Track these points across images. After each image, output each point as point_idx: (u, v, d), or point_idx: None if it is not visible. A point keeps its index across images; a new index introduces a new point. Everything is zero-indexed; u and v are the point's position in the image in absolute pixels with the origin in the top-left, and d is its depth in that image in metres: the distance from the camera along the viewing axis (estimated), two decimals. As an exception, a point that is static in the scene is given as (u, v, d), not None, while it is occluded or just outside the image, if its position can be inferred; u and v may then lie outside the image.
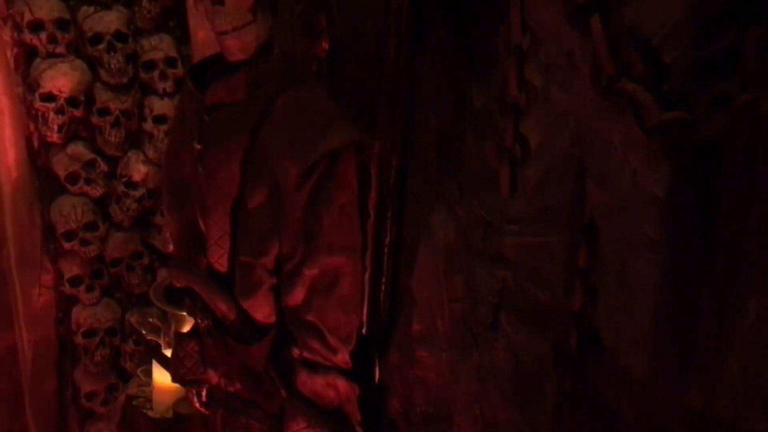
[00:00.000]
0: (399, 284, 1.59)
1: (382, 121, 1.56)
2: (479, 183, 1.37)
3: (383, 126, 1.55)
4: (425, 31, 1.34)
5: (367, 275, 1.62)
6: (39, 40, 2.34)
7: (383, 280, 1.61)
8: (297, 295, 1.50)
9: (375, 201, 1.58)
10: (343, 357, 1.53)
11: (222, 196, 1.54)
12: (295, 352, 1.55)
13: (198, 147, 1.55)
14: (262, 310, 1.56)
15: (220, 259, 1.59)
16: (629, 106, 0.72)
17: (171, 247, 2.46)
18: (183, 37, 2.58)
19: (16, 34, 2.38)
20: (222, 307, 1.58)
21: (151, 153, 2.58)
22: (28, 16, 2.31)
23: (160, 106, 2.54)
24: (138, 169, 2.60)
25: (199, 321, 1.68)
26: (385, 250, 1.60)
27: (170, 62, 2.52)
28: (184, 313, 2.14)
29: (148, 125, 2.56)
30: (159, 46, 2.51)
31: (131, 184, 2.60)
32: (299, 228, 1.47)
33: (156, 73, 2.51)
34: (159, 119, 2.54)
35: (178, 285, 1.70)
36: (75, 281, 2.67)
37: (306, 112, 1.47)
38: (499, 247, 1.33)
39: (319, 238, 1.47)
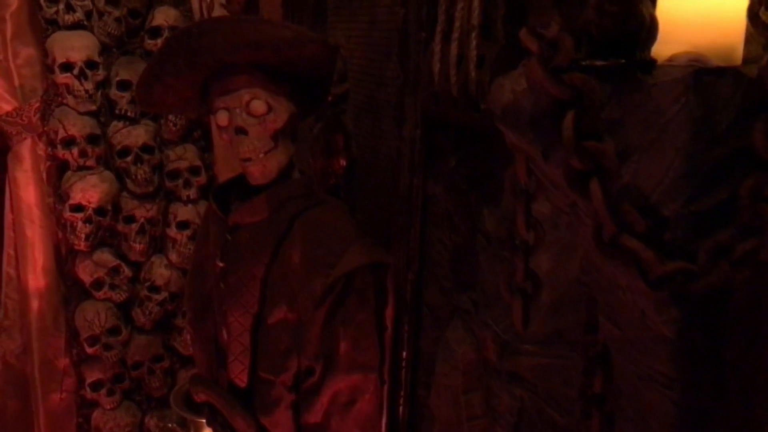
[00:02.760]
0: (417, 400, 1.59)
1: (397, 237, 1.61)
2: (493, 301, 1.40)
3: (399, 242, 1.60)
4: (437, 159, 1.41)
5: (385, 389, 1.63)
6: (71, 155, 2.46)
7: (402, 395, 1.62)
8: (316, 413, 1.51)
9: (392, 315, 1.61)
10: (362, 476, 1.52)
11: (243, 313, 1.58)
12: (315, 471, 1.54)
13: (221, 265, 1.61)
14: (281, 427, 1.57)
15: (240, 375, 1.61)
16: (632, 261, 0.76)
17: (191, 350, 2.49)
18: (207, 146, 2.70)
19: (49, 149, 2.51)
20: (241, 424, 1.58)
21: (174, 258, 2.65)
22: (62, 133, 2.43)
23: (184, 212, 2.63)
24: (161, 274, 2.66)
25: (219, 436, 1.69)
26: (403, 365, 1.61)
27: (194, 171, 2.63)
28: (203, 420, 2.14)
29: (172, 231, 2.64)
30: (184, 156, 2.62)
31: (154, 288, 2.65)
32: (318, 346, 1.49)
33: (180, 181, 2.61)
34: (182, 225, 2.62)
35: (198, 400, 1.71)
36: (96, 386, 2.69)
37: (325, 232, 1.52)
38: (515, 366, 1.34)
39: (337, 356, 1.49)
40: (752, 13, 0.85)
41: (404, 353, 1.61)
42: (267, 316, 1.55)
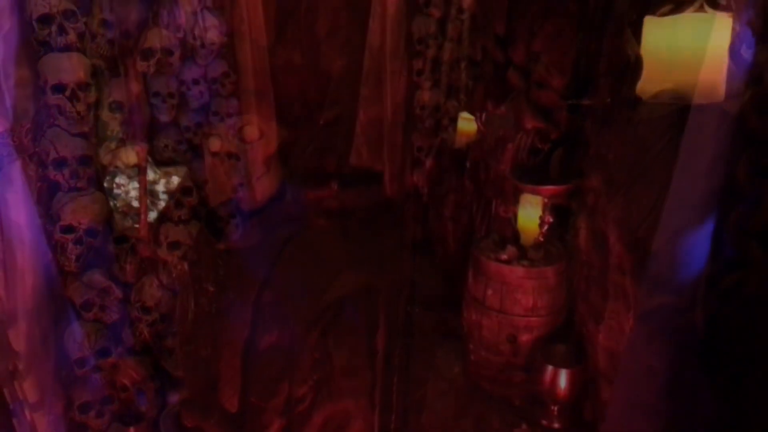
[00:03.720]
0: (408, 425, 1.59)
1: (389, 261, 1.61)
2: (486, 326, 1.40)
3: (391, 265, 1.61)
4: (431, 184, 1.42)
5: (376, 413, 1.62)
6: (62, 176, 2.46)
7: (392, 419, 1.62)
8: (307, 439, 1.51)
9: (383, 340, 1.61)
10: (353, 502, 1.51)
11: (234, 337, 1.58)
12: (305, 498, 1.53)
13: (211, 289, 1.61)
14: (272, 453, 1.56)
15: (231, 399, 1.60)
16: (619, 296, 0.77)
17: (181, 372, 2.47)
18: (198, 168, 2.69)
19: (40, 170, 2.49)
20: (232, 449, 1.58)
21: (164, 279, 2.63)
22: (53, 154, 2.43)
23: (175, 233, 2.61)
24: (151, 294, 2.64)
25: (209, 461, 1.68)
26: (394, 389, 1.61)
27: (185, 192, 2.62)
28: (194, 444, 2.12)
29: (163, 251, 2.62)
30: (175, 177, 2.61)
31: (145, 309, 2.63)
32: (309, 370, 1.49)
33: (172, 202, 2.60)
34: (173, 245, 2.61)
35: (189, 425, 1.70)
36: (85, 408, 2.65)
37: (317, 256, 1.53)
38: (508, 391, 1.35)
39: (328, 381, 1.49)
40: (733, 51, 0.87)
41: (395, 378, 1.61)
42: (258, 340, 1.55)
